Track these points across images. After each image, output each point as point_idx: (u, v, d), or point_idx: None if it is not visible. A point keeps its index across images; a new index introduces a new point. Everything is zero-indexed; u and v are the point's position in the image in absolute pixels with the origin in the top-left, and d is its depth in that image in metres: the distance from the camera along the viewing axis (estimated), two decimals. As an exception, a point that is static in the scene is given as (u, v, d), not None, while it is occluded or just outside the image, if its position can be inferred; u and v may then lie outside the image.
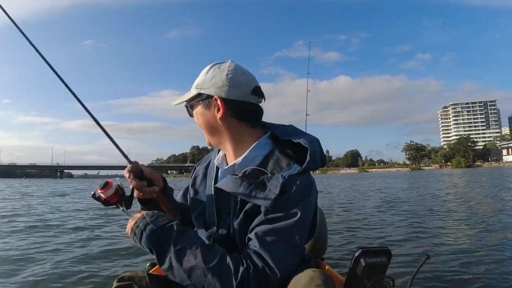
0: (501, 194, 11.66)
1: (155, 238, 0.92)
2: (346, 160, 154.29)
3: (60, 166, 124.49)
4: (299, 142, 1.06)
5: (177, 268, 0.90)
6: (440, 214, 7.72)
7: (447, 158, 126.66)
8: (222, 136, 1.13)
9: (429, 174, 45.88)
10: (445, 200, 10.91)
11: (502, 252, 4.10)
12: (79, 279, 3.46)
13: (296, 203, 0.96)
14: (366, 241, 5.10)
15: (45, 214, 9.28)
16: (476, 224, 6.14)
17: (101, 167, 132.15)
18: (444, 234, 5.44)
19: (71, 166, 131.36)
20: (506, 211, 7.67)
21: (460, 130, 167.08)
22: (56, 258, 4.27)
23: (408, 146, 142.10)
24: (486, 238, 4.99)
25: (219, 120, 1.09)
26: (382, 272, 1.06)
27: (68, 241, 5.38)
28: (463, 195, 12.35)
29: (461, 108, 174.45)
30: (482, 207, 8.49)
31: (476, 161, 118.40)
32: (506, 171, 41.49)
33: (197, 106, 1.14)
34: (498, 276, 3.27)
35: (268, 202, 0.94)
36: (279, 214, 0.95)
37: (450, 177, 30.89)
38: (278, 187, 0.95)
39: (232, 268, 0.88)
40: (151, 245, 0.92)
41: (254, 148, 1.10)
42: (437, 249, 4.36)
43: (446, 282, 3.16)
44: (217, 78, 1.08)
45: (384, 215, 7.78)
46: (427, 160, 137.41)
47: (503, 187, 15.79)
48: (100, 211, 9.19)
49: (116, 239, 5.52)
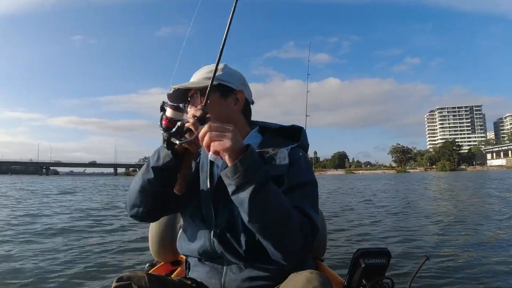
0: (493, 196, 11.94)
1: (264, 174, 0.89)
2: (333, 162, 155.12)
3: (46, 163, 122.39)
4: (286, 131, 1.23)
5: (274, 207, 0.90)
6: (439, 215, 7.82)
7: (432, 161, 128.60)
8: None
9: (415, 177, 46.64)
10: (442, 201, 11.08)
11: (501, 252, 4.16)
12: (78, 280, 3.42)
13: (308, 170, 1.10)
14: (365, 242, 5.12)
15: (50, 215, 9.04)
16: (475, 225, 6.24)
17: (87, 165, 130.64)
18: (443, 235, 5.49)
19: (57, 163, 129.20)
20: (500, 212, 7.85)
21: (446, 134, 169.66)
22: (54, 258, 4.23)
23: (394, 148, 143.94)
24: (485, 238, 5.06)
25: (234, 112, 1.17)
26: (382, 273, 1.06)
27: (65, 241, 5.30)
28: (458, 197, 12.53)
29: (447, 112, 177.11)
30: (480, 208, 8.69)
31: (460, 165, 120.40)
32: (490, 175, 42.29)
33: (212, 95, 1.07)
34: (497, 276, 3.31)
35: (284, 169, 1.06)
36: (300, 180, 1.06)
37: (439, 180, 31.38)
38: (286, 156, 1.08)
39: (301, 221, 0.95)
40: (260, 179, 0.87)
41: (249, 137, 1.19)
42: (436, 250, 4.40)
43: (445, 283, 3.19)
44: (236, 75, 1.20)
45: (383, 216, 7.84)
46: (413, 163, 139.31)
47: (493, 189, 16.18)
48: (99, 211, 9.15)
49: (115, 239, 5.49)
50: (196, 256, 1.16)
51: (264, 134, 1.22)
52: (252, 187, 0.86)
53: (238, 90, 1.18)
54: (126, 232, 6.10)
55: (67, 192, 19.13)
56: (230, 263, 1.08)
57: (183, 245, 1.21)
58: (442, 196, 13.68)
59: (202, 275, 1.14)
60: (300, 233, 0.93)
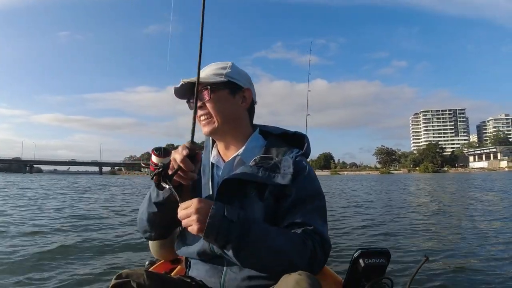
0: (487, 197, 12.15)
1: (237, 231, 0.92)
2: (319, 162, 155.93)
3: (30, 161, 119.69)
4: (288, 136, 1.26)
5: (263, 253, 0.95)
6: (438, 215, 7.93)
7: (416, 163, 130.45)
8: (234, 126, 1.19)
9: (397, 178, 47.38)
10: (441, 202, 11.16)
11: (500, 252, 4.20)
12: (77, 279, 3.39)
13: (313, 181, 1.13)
14: (365, 242, 5.15)
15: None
16: (474, 225, 6.33)
17: (71, 163, 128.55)
18: (443, 235, 5.55)
19: (41, 161, 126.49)
20: (497, 213, 8.02)
21: (430, 136, 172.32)
22: (53, 257, 4.18)
23: (379, 150, 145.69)
24: (484, 239, 5.12)
25: (241, 109, 1.20)
26: (381, 273, 1.07)
27: (64, 241, 5.23)
28: (457, 198, 12.72)
29: (432, 115, 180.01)
30: (477, 208, 8.84)
31: (443, 167, 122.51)
32: (473, 177, 43.15)
33: (221, 92, 1.15)
34: (497, 276, 3.34)
35: (287, 179, 1.06)
36: (307, 193, 1.09)
37: (422, 181, 31.84)
38: (291, 165, 1.09)
39: (303, 243, 0.98)
40: (236, 236, 0.92)
41: (251, 140, 1.21)
42: (436, 251, 4.43)
43: (445, 283, 3.20)
44: (243, 73, 1.22)
45: (383, 216, 7.90)
46: (397, 164, 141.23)
47: (483, 190, 16.54)
48: (96, 210, 9.10)
49: (113, 237, 5.48)
50: (195, 257, 1.15)
51: (267, 138, 1.24)
52: (232, 245, 0.91)
53: (246, 88, 1.20)
54: (125, 230, 6.08)
55: (60, 192, 18.78)
56: (230, 263, 1.07)
57: (181, 248, 1.20)
58: (438, 196, 13.82)
59: (202, 274, 1.14)
60: (302, 255, 0.97)
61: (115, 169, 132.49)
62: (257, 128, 1.26)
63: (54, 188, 21.51)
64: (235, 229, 0.91)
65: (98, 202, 12.11)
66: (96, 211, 9.11)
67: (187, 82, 1.12)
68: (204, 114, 1.15)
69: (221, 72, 1.16)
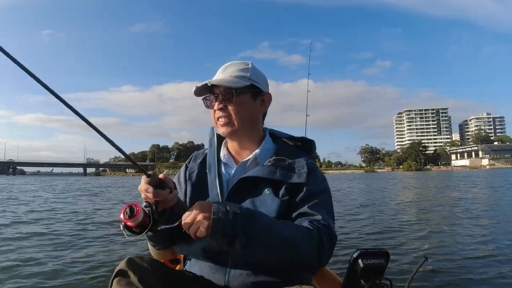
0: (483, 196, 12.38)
1: (243, 221, 0.92)
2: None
3: (13, 162, 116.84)
4: (294, 140, 1.30)
5: (271, 241, 0.94)
6: (437, 215, 8.00)
7: (399, 161, 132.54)
8: (251, 128, 1.21)
9: (381, 176, 48.06)
10: (440, 202, 11.23)
11: (499, 252, 4.23)
12: (77, 278, 3.47)
13: (324, 180, 1.18)
14: (365, 242, 5.17)
15: None
16: (473, 225, 6.37)
17: (55, 164, 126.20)
18: (442, 236, 5.57)
19: (25, 163, 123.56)
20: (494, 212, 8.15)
21: (413, 135, 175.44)
22: (53, 257, 4.25)
23: (363, 149, 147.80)
24: (483, 239, 5.16)
25: (259, 113, 1.22)
26: (380, 274, 1.06)
27: (63, 241, 5.35)
28: (456, 197, 12.75)
29: (415, 114, 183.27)
30: (475, 209, 8.88)
31: (426, 165, 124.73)
32: (455, 174, 44.03)
33: (244, 96, 1.16)
34: (496, 275, 3.38)
35: (303, 177, 1.12)
36: (318, 189, 1.13)
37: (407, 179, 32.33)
38: (305, 166, 1.15)
39: (310, 233, 0.99)
40: (242, 226, 0.91)
41: (266, 142, 1.24)
42: (435, 251, 4.45)
43: (444, 283, 3.22)
44: (261, 75, 1.22)
45: (382, 217, 7.93)
46: (381, 163, 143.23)
47: (471, 187, 16.93)
48: (94, 211, 9.23)
49: (113, 237, 5.53)
50: (198, 255, 1.14)
51: (275, 141, 1.27)
52: (240, 237, 0.90)
53: (265, 92, 1.22)
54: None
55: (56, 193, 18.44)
56: (234, 259, 1.06)
57: (182, 246, 1.18)
58: (435, 196, 13.86)
59: (205, 270, 1.12)
60: (310, 244, 0.98)
61: (100, 170, 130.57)
62: (266, 131, 1.29)
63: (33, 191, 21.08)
64: (240, 219, 0.91)
65: (93, 202, 12.16)
66: (93, 211, 9.21)
67: (211, 84, 1.14)
68: (225, 116, 1.16)
69: (245, 74, 1.17)
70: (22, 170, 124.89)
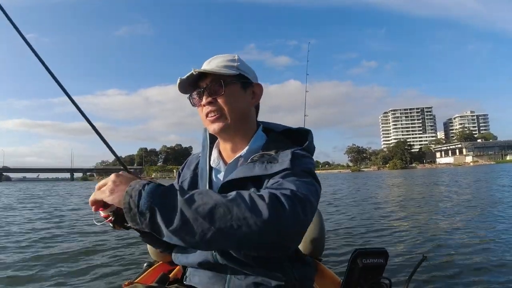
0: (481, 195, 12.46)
1: (158, 194, 0.76)
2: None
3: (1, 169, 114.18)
4: (291, 133, 1.15)
5: (193, 218, 0.73)
6: (437, 215, 8.01)
7: (386, 160, 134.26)
8: (244, 123, 1.11)
9: (367, 175, 48.59)
10: (440, 202, 11.26)
11: (498, 252, 4.25)
12: (77, 277, 3.48)
13: (310, 166, 1.00)
14: (364, 242, 5.18)
15: None
16: (472, 225, 6.38)
17: (41, 170, 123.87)
18: (441, 235, 5.58)
19: (11, 169, 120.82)
20: (494, 210, 8.18)
21: (399, 134, 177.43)
22: (53, 258, 4.29)
23: (350, 149, 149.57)
24: (482, 239, 5.16)
25: (250, 105, 1.12)
26: (379, 273, 1.07)
27: (63, 241, 5.39)
28: (455, 196, 12.79)
29: (400, 113, 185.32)
30: (474, 209, 8.93)
31: (412, 163, 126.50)
32: (440, 172, 44.68)
33: (234, 86, 1.05)
34: (495, 274, 3.40)
35: (286, 163, 0.96)
36: (298, 169, 0.95)
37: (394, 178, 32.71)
38: (288, 154, 0.99)
39: (257, 195, 0.79)
40: (153, 203, 0.74)
41: (255, 140, 1.11)
42: (434, 250, 4.48)
43: (443, 282, 3.24)
44: (250, 68, 1.13)
45: (381, 216, 7.95)
46: (368, 162, 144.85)
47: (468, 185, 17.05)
48: (92, 213, 8.89)
49: (112, 238, 5.52)
50: (195, 267, 1.09)
51: (268, 135, 1.15)
52: (153, 203, 0.75)
53: (256, 83, 1.13)
54: (124, 232, 5.94)
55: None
56: (234, 270, 1.01)
57: (178, 257, 1.13)
58: (432, 195, 13.83)
59: (204, 280, 1.08)
60: (254, 205, 0.76)
61: (87, 175, 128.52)
62: (260, 126, 1.17)
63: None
64: (154, 185, 0.79)
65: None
66: (90, 213, 9.02)
67: (197, 72, 1.02)
68: (214, 110, 1.04)
69: (232, 64, 1.07)
70: (7, 177, 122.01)
